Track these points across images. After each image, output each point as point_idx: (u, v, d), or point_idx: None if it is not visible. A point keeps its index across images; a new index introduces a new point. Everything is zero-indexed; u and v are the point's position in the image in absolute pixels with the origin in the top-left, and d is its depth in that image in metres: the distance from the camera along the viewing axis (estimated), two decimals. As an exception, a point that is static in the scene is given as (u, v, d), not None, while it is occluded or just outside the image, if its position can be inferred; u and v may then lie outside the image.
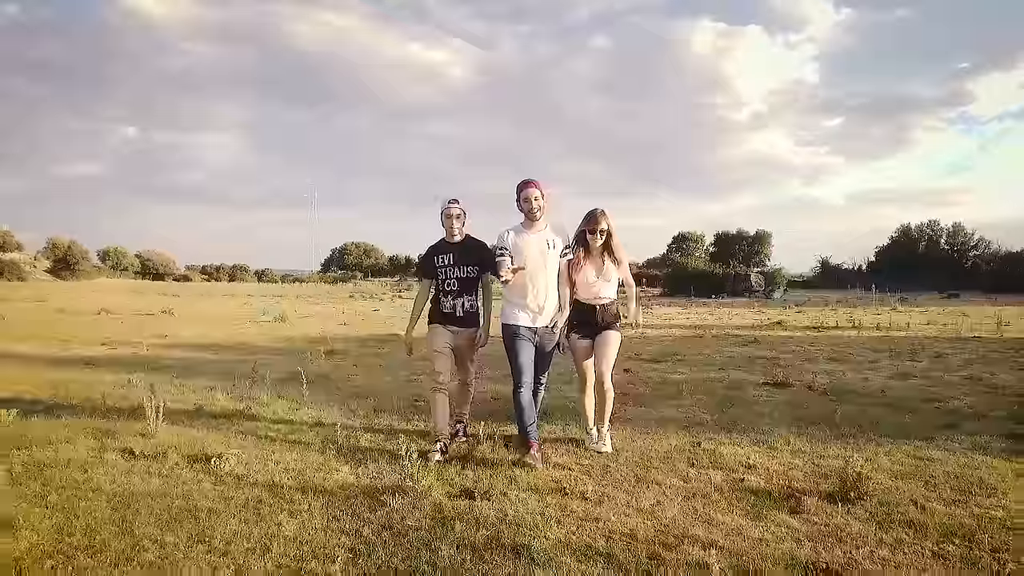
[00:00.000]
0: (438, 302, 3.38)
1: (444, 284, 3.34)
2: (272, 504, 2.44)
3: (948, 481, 2.81)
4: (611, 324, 3.29)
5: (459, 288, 3.32)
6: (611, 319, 3.30)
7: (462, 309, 3.33)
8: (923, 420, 4.12)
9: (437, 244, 3.44)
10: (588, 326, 3.28)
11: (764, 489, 2.70)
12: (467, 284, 3.34)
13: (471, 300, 3.36)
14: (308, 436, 3.51)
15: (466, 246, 3.38)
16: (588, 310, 3.27)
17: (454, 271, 3.32)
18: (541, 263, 3.18)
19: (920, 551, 2.09)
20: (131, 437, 3.35)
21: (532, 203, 3.18)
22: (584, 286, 3.27)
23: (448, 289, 3.34)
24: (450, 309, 3.33)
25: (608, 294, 3.29)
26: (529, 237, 3.22)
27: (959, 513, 2.42)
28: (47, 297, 19.89)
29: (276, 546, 2.06)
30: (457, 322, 3.33)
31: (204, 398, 4.52)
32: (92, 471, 2.77)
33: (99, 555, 1.96)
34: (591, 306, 3.27)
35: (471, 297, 3.36)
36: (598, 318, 3.27)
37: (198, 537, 2.12)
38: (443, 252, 3.38)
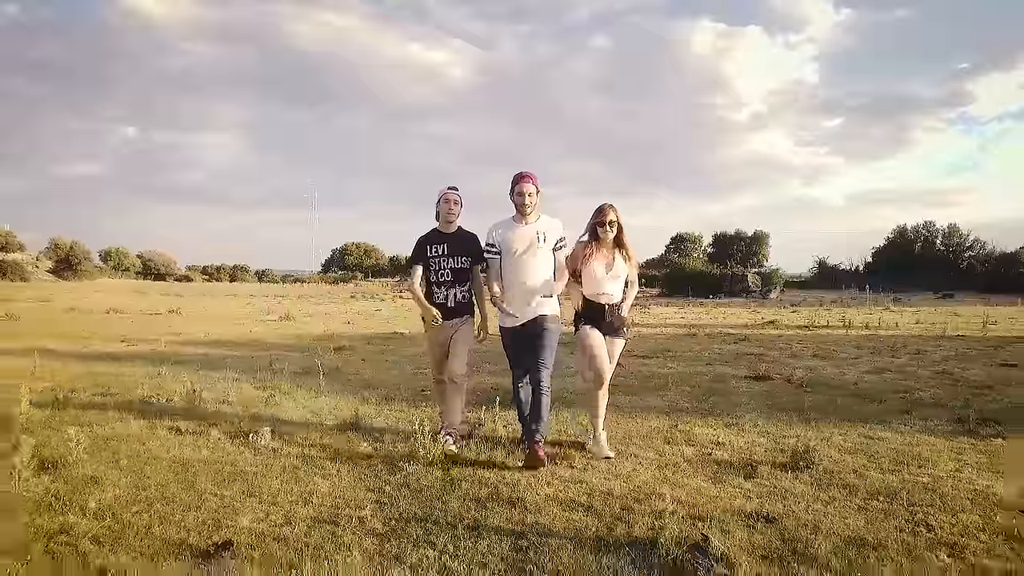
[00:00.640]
0: (430, 294, 3.35)
1: (437, 275, 3.30)
2: (306, 469, 2.88)
3: (889, 455, 3.23)
4: (618, 331, 3.19)
5: (452, 279, 3.29)
6: (619, 323, 3.18)
7: (454, 300, 3.31)
8: (886, 408, 4.53)
9: (429, 234, 3.40)
10: (597, 322, 3.17)
11: (727, 460, 3.12)
12: (460, 275, 3.31)
13: (464, 291, 3.33)
14: (329, 418, 3.94)
15: (459, 236, 3.35)
16: (596, 309, 3.16)
17: (447, 261, 3.28)
18: (530, 256, 3.12)
19: (848, 505, 2.51)
20: (175, 418, 3.79)
21: (525, 198, 3.11)
22: (591, 281, 3.15)
23: (441, 280, 3.30)
24: (442, 300, 3.30)
25: (615, 291, 3.18)
26: (519, 231, 3.15)
27: (890, 479, 2.84)
28: (51, 297, 20.10)
29: (315, 498, 2.50)
30: (449, 313, 3.30)
31: (231, 387, 4.95)
32: (148, 443, 3.22)
33: (171, 503, 2.39)
34: (599, 305, 3.15)
35: (464, 288, 3.33)
36: (607, 318, 3.15)
37: (248, 492, 2.55)
38: (436, 242, 3.34)
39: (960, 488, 2.71)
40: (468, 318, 3.37)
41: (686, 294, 28.32)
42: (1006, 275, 32.22)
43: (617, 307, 3.17)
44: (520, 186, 3.12)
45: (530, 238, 3.12)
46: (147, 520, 2.21)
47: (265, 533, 2.15)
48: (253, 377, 5.42)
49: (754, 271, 32.53)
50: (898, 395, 5.08)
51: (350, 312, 16.77)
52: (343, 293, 32.27)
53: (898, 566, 1.96)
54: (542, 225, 3.18)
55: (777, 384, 5.61)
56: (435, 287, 3.33)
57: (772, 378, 5.87)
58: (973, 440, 3.54)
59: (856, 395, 5.08)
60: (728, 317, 15.95)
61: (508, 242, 3.14)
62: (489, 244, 3.23)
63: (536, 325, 3.11)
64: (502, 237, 3.16)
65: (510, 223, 3.20)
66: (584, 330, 3.15)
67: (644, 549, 2.03)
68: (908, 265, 35.82)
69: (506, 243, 3.15)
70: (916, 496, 2.61)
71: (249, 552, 2.00)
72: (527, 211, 3.14)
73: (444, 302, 3.31)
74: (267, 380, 5.14)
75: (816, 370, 6.54)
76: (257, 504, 2.42)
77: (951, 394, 5.09)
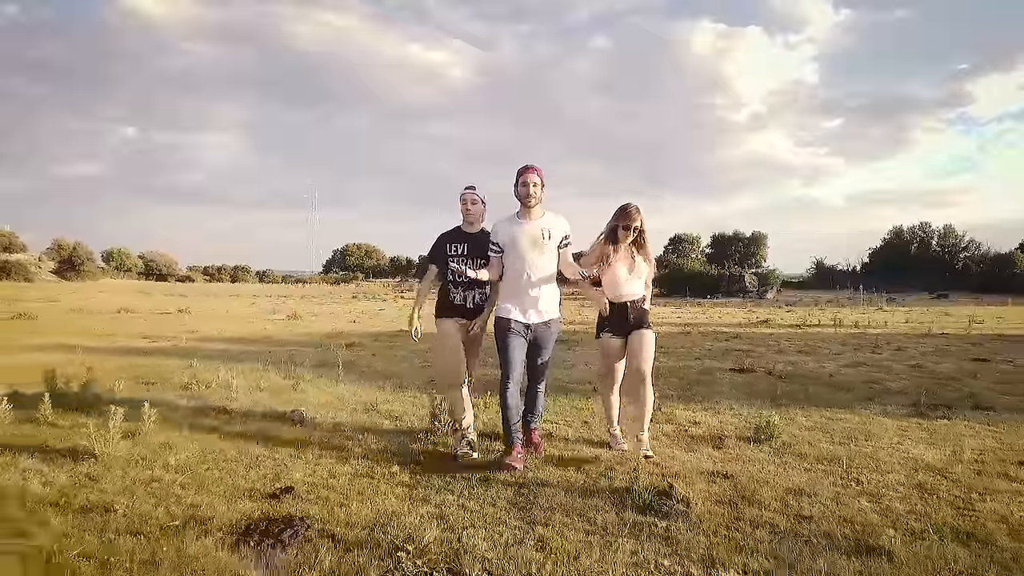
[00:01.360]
0: (447, 293, 3.25)
1: (455, 275, 3.17)
2: (340, 439, 3.39)
3: (842, 432, 3.71)
4: (643, 322, 3.17)
5: (471, 280, 3.14)
6: (642, 315, 3.18)
7: (473, 302, 3.22)
8: (853, 396, 5.01)
9: (451, 232, 3.30)
10: (619, 325, 3.16)
11: (701, 435, 3.61)
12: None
13: (483, 293, 3.23)
14: (352, 402, 4.43)
15: (482, 237, 3.22)
16: (619, 308, 3.15)
17: (467, 263, 3.17)
18: (535, 254, 3.01)
19: (796, 467, 3.00)
20: (219, 401, 4.29)
21: (530, 188, 3.01)
22: (614, 284, 3.13)
23: (459, 280, 3.20)
24: (461, 302, 3.21)
25: (637, 290, 3.16)
26: (523, 226, 3.04)
27: (837, 449, 3.32)
28: (58, 297, 20.25)
29: (352, 459, 3.02)
30: (468, 315, 3.22)
31: (259, 377, 5.44)
32: (202, 420, 3.72)
33: (235, 463, 2.90)
34: (621, 304, 3.14)
35: (483, 290, 3.23)
36: (629, 316, 3.15)
37: (295, 456, 3.06)
38: (457, 241, 3.24)
39: (895, 456, 3.20)
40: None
41: (684, 294, 28.74)
42: (1000, 275, 32.57)
43: (638, 302, 3.17)
44: (525, 176, 3.03)
45: (534, 235, 3.02)
46: (219, 474, 2.72)
47: (316, 483, 2.66)
48: (276, 369, 5.91)
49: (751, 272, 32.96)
50: (867, 385, 5.56)
51: (354, 312, 17.21)
52: (345, 293, 32.72)
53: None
54: (547, 222, 3.06)
55: (758, 376, 6.09)
56: (452, 287, 3.23)
57: (755, 371, 6.36)
58: (920, 421, 4.03)
59: (829, 385, 5.56)
60: (723, 317, 16.39)
61: (511, 239, 3.03)
62: (492, 243, 3.11)
63: (541, 329, 3.04)
64: (505, 234, 3.05)
65: (513, 219, 3.09)
66: (605, 339, 3.21)
67: (621, 494, 2.52)
68: (904, 266, 36.19)
69: (509, 240, 3.03)
70: (856, 461, 3.09)
71: (307, 494, 2.50)
72: (531, 203, 3.03)
73: (462, 303, 3.20)
74: (290, 371, 5.63)
75: (798, 364, 7.02)
76: (304, 464, 2.93)
77: (917, 384, 5.56)
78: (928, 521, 2.32)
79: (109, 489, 2.51)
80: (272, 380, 5.28)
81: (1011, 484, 2.76)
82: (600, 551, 2.05)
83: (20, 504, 2.28)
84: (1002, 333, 11.19)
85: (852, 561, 2.00)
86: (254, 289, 38.51)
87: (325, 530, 2.15)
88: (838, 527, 2.26)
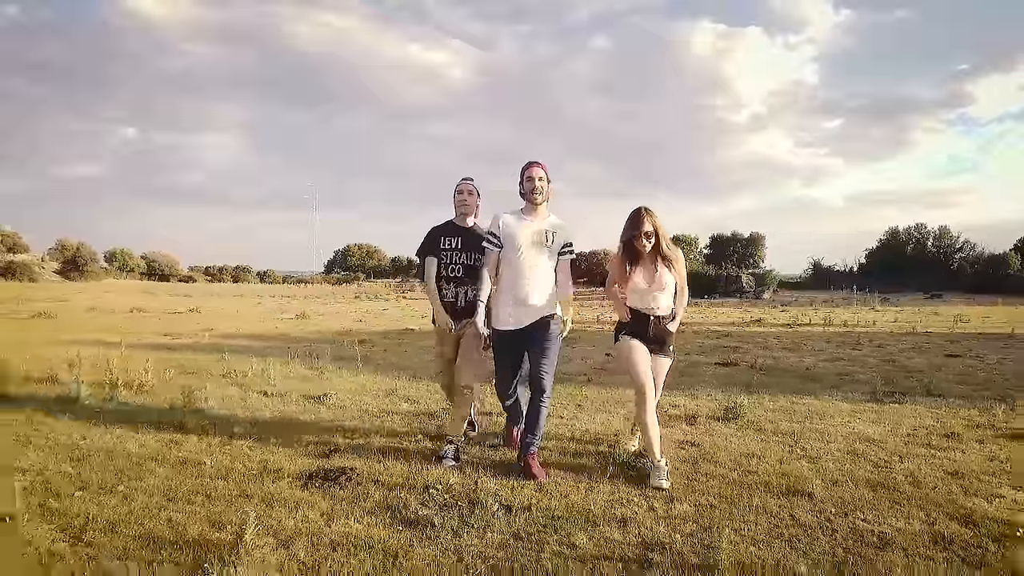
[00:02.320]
0: (439, 290, 3.16)
1: (447, 269, 3.10)
2: (368, 418, 3.98)
3: (802, 412, 4.28)
4: (664, 344, 2.91)
5: (463, 275, 3.08)
6: (664, 336, 2.90)
7: (464, 299, 3.10)
8: (821, 385, 5.58)
9: (443, 225, 3.22)
10: (641, 334, 2.89)
11: (678, 415, 4.18)
12: (472, 273, 3.09)
13: (475, 289, 3.07)
14: (373, 389, 5.01)
15: (475, 232, 3.15)
16: (641, 319, 2.89)
17: (460, 256, 3.09)
18: (534, 255, 2.89)
19: (754, 438, 3.57)
20: (259, 387, 4.88)
21: (536, 182, 2.90)
22: (636, 296, 2.89)
23: (451, 275, 3.10)
24: (451, 298, 3.11)
25: (662, 304, 2.88)
26: (526, 224, 2.94)
27: (794, 426, 3.89)
28: (67, 298, 20.61)
29: (381, 430, 3.61)
30: (459, 315, 3.11)
31: (287, 368, 6.02)
32: (249, 401, 4.31)
33: (286, 432, 3.49)
34: (644, 315, 2.88)
35: (475, 285, 3.07)
36: (650, 333, 2.87)
37: (335, 428, 3.66)
38: (450, 235, 3.15)
39: (841, 431, 3.77)
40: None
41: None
42: (995, 276, 33.00)
43: (663, 320, 2.88)
44: (530, 171, 2.94)
45: (537, 235, 2.91)
46: (276, 440, 3.32)
47: (355, 446, 3.25)
48: (300, 362, 6.49)
49: (748, 272, 33.50)
50: (838, 376, 6.13)
51: (359, 311, 17.78)
52: (347, 294, 33.31)
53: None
54: (552, 224, 2.98)
55: (740, 369, 6.65)
56: (444, 283, 3.13)
57: (737, 364, 6.93)
58: (874, 405, 4.59)
59: (803, 376, 6.13)
60: (718, 316, 16.93)
61: (513, 236, 2.92)
62: (491, 234, 2.97)
63: (537, 329, 2.90)
64: (507, 229, 2.93)
65: (518, 215, 2.99)
66: (624, 341, 2.90)
67: (605, 456, 3.09)
68: (900, 267, 36.68)
69: (511, 236, 2.92)
70: (806, 435, 3.67)
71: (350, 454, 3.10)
72: (538, 199, 2.94)
73: (453, 300, 3.11)
74: (313, 363, 6.21)
75: (780, 359, 7.58)
76: (342, 433, 3.53)
77: (884, 376, 6.12)
78: (850, 475, 2.89)
79: (192, 450, 3.11)
80: (298, 371, 5.88)
81: (930, 451, 3.32)
82: (585, 491, 2.63)
83: (125, 457, 2.87)
84: (983, 332, 11.71)
85: (780, 499, 2.57)
86: (257, 289, 39.08)
87: (370, 477, 2.73)
88: (776, 479, 2.83)
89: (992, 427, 3.85)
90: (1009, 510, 2.46)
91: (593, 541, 2.16)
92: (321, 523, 2.27)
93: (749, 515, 2.40)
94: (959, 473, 2.92)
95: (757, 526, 2.30)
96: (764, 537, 2.21)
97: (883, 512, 2.44)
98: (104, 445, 3.16)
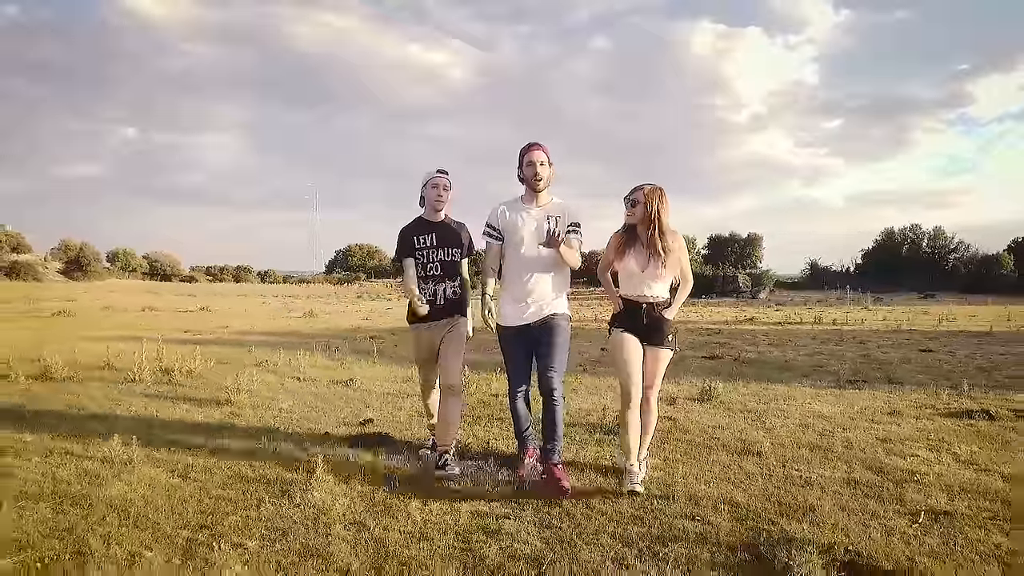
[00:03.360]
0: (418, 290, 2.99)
1: (424, 269, 2.98)
2: (391, 398, 4.59)
3: (769, 396, 4.87)
4: (661, 333, 2.71)
5: (441, 272, 2.97)
6: (659, 324, 2.71)
7: (443, 297, 2.98)
8: (793, 374, 6.17)
9: (414, 224, 3.04)
10: (632, 327, 2.73)
11: (660, 398, 4.75)
12: (450, 268, 2.99)
13: (454, 286, 3.00)
14: (391, 376, 5.61)
15: (448, 226, 3.02)
16: (634, 308, 2.72)
17: (436, 253, 2.97)
18: (538, 245, 2.71)
19: (723, 414, 4.17)
20: (292, 374, 5.48)
21: (536, 167, 2.70)
22: (628, 280, 2.74)
23: (429, 274, 2.98)
24: (430, 296, 2.97)
25: (657, 292, 2.71)
26: (527, 214, 2.76)
27: (760, 406, 4.49)
28: (75, 297, 20.97)
29: (403, 408, 4.21)
30: (439, 312, 2.97)
31: (311, 359, 6.63)
32: (286, 385, 4.92)
33: (327, 405, 4.08)
34: (637, 305, 2.71)
35: (454, 283, 3.00)
36: (643, 321, 2.70)
37: (365, 404, 4.26)
38: (423, 232, 3.00)
39: (800, 410, 4.36)
40: (460, 318, 3.02)
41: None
42: (988, 276, 33.50)
43: (658, 307, 2.71)
44: (530, 155, 2.73)
45: (540, 223, 2.72)
46: (317, 414, 3.94)
47: (384, 419, 3.87)
48: (321, 354, 7.10)
49: (745, 273, 34.07)
50: (813, 367, 6.71)
51: (364, 310, 18.34)
52: (349, 293, 33.88)
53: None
54: (555, 209, 2.78)
55: (725, 362, 7.24)
56: (422, 282, 2.99)
57: (723, 358, 7.52)
58: (836, 390, 5.18)
59: (780, 367, 6.72)
60: (713, 315, 17.50)
61: (514, 227, 2.74)
62: (490, 226, 2.81)
63: (545, 325, 2.73)
64: (508, 220, 2.76)
65: (518, 204, 2.81)
66: (616, 335, 2.73)
67: (594, 425, 3.70)
68: (895, 267, 37.20)
69: (512, 228, 2.74)
70: (769, 412, 4.26)
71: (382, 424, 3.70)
72: (539, 185, 2.74)
73: (432, 299, 2.98)
74: (333, 355, 6.82)
75: (763, 353, 8.17)
76: (372, 411, 4.13)
77: (855, 367, 6.70)
78: (796, 440, 3.49)
79: (248, 422, 3.72)
80: (321, 361, 6.50)
81: (872, 424, 3.92)
82: (575, 451, 3.24)
83: (193, 427, 3.48)
84: (965, 329, 12.27)
85: (734, 456, 3.18)
86: (259, 289, 39.55)
87: (401, 441, 3.33)
88: (734, 443, 3.43)
89: (934, 408, 4.44)
90: (917, 463, 3.05)
91: (580, 482, 2.77)
92: (370, 467, 2.90)
93: (705, 466, 3.00)
94: (888, 440, 3.52)
95: (710, 472, 2.91)
96: (714, 480, 2.81)
97: (814, 465, 3.04)
98: (174, 416, 3.78)
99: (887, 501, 2.55)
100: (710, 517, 2.38)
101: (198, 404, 4.08)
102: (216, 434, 3.39)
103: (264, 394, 4.49)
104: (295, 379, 5.20)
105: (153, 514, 2.32)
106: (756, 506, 2.48)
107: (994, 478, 2.83)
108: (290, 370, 5.70)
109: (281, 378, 5.26)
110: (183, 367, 5.10)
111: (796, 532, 2.22)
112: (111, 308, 16.67)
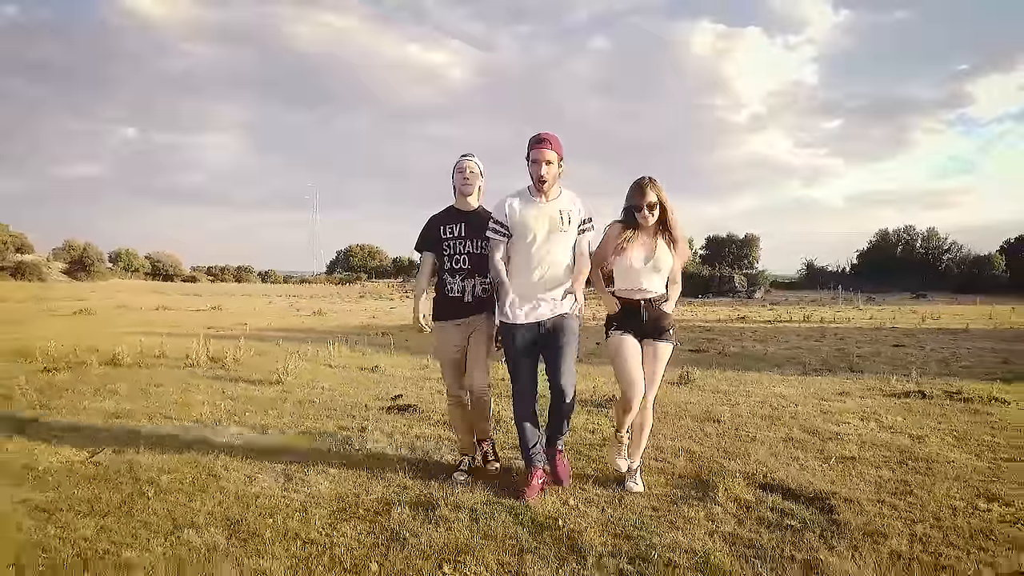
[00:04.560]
0: (443, 285, 2.81)
1: (452, 261, 2.77)
2: (415, 381, 5.34)
3: (741, 381, 5.60)
4: (662, 328, 2.62)
5: (471, 267, 2.76)
6: (660, 319, 2.61)
7: (472, 294, 2.77)
8: (767, 364, 6.89)
9: (443, 212, 2.86)
10: (631, 326, 2.61)
11: (646, 381, 5.51)
12: (480, 262, 2.76)
13: (484, 283, 2.77)
14: (411, 364, 6.36)
15: (480, 216, 2.78)
16: (631, 306, 2.61)
17: (465, 245, 2.76)
18: (551, 242, 2.59)
19: (696, 394, 4.90)
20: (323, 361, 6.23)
21: (541, 168, 2.56)
22: (626, 274, 2.61)
23: (456, 267, 2.77)
24: (458, 293, 2.76)
25: (656, 287, 2.61)
26: (537, 208, 2.62)
27: (730, 388, 5.21)
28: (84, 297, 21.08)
29: (425, 387, 4.94)
30: (466, 310, 2.77)
31: (335, 350, 7.37)
32: (321, 371, 5.66)
33: (360, 385, 4.82)
34: (634, 302, 2.60)
35: (484, 279, 2.77)
36: (643, 318, 2.59)
37: (391, 386, 5.01)
38: (451, 222, 2.79)
39: (764, 392, 5.08)
40: (489, 316, 2.80)
41: (677, 294, 30.61)
42: (981, 276, 34.14)
43: (655, 302, 2.61)
44: (537, 152, 2.58)
45: (551, 219, 2.60)
46: (355, 390, 4.69)
47: (409, 395, 4.59)
48: (342, 347, 7.83)
49: (742, 273, 34.74)
50: (787, 359, 7.44)
51: (369, 309, 19.04)
52: (351, 293, 34.55)
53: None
54: (565, 202, 2.65)
55: (709, 355, 7.96)
56: (448, 276, 2.79)
57: (707, 351, 8.25)
58: (800, 377, 5.91)
59: (758, 359, 7.44)
60: (707, 314, 18.21)
61: (524, 223, 2.60)
62: (497, 221, 2.65)
63: (554, 328, 2.60)
64: (516, 216, 2.62)
65: (527, 198, 2.66)
66: (614, 337, 2.63)
67: (586, 402, 4.42)
68: (890, 267, 37.85)
69: (521, 224, 2.61)
70: (738, 394, 4.98)
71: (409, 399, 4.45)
72: (543, 187, 2.60)
73: (460, 296, 2.77)
74: (354, 347, 7.56)
75: (747, 348, 8.89)
76: (398, 389, 4.87)
77: (825, 359, 7.42)
78: (753, 412, 4.21)
79: (298, 399, 4.47)
80: (344, 352, 7.25)
81: (819, 402, 4.63)
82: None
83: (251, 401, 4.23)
84: (944, 327, 12.97)
85: (697, 422, 3.91)
86: (262, 289, 40.11)
87: (427, 411, 4.07)
88: (701, 413, 4.16)
89: (880, 390, 5.16)
90: (847, 428, 3.77)
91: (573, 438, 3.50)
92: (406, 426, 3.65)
93: (673, 429, 3.73)
94: (829, 412, 4.24)
95: (675, 431, 3.65)
96: (677, 437, 3.55)
97: (762, 428, 3.77)
98: (238, 392, 4.53)
99: (810, 451, 3.27)
100: (669, 460, 3.11)
101: (254, 384, 4.84)
102: (277, 403, 4.15)
103: (306, 377, 5.25)
104: (326, 366, 5.95)
105: (256, 455, 3.06)
106: (707, 455, 3.21)
107: (903, 437, 3.56)
108: (320, 359, 6.45)
109: (315, 365, 6.02)
110: (231, 356, 5.85)
111: (732, 468, 2.95)
112: (125, 307, 17.15)
